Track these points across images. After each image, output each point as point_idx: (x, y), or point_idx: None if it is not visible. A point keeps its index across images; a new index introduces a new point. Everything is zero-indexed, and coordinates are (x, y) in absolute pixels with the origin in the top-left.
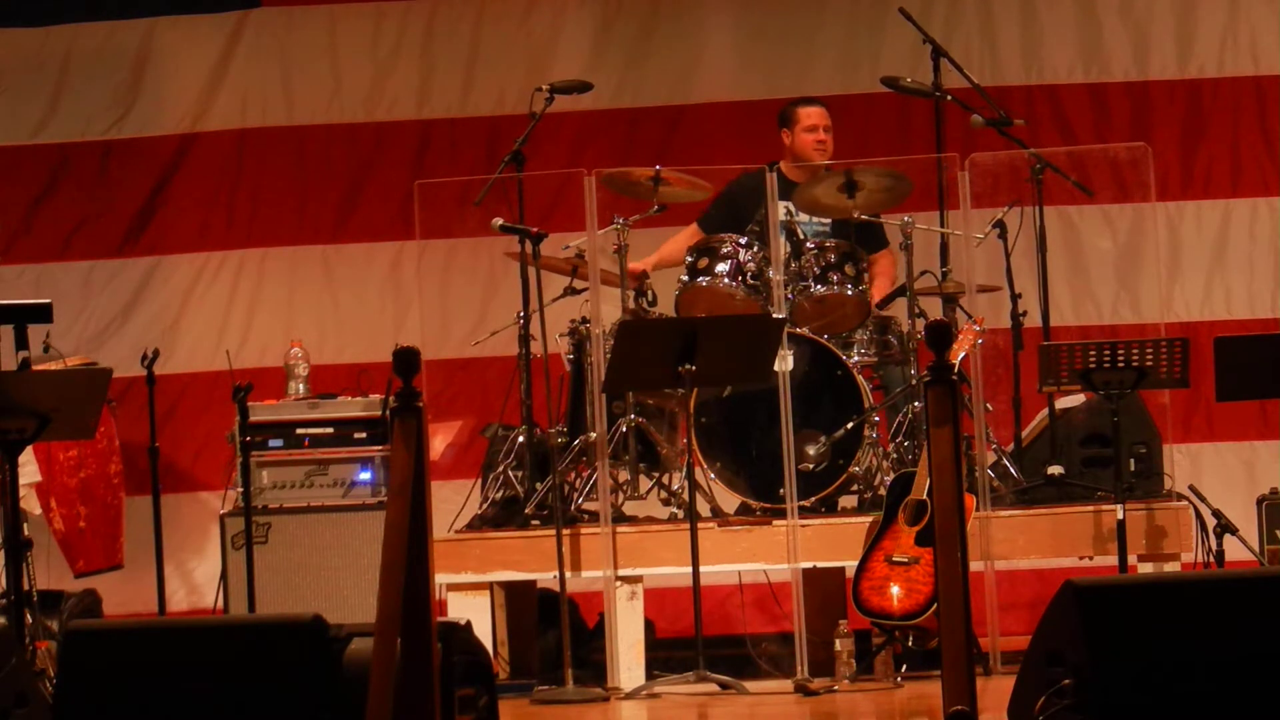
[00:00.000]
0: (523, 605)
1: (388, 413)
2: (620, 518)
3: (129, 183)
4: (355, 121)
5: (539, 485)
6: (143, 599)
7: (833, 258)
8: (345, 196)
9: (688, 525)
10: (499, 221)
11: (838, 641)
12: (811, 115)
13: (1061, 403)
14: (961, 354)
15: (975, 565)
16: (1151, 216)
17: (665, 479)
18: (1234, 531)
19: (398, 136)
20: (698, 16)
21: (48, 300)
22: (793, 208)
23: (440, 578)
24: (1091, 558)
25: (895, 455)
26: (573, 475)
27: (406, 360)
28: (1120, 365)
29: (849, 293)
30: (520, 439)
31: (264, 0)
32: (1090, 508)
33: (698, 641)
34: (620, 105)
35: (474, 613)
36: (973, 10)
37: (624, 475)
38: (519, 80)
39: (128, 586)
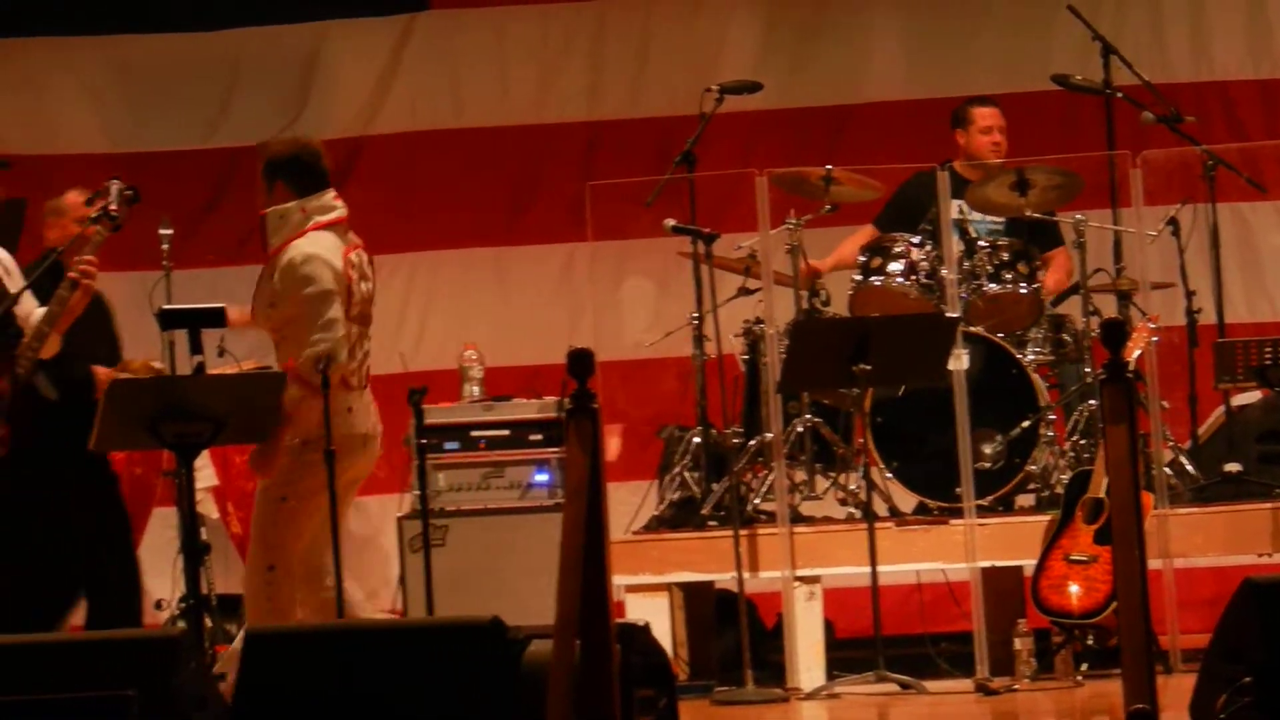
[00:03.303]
0: (701, 606)
1: (563, 414)
2: (797, 518)
3: None
4: (525, 123)
5: (715, 486)
6: None
7: (1006, 256)
8: (516, 198)
9: (865, 525)
10: (671, 222)
11: (1017, 640)
12: (987, 116)
13: (1238, 399)
14: (1136, 352)
15: (1153, 563)
16: None
17: (842, 479)
18: None
19: (567, 138)
20: (864, 16)
21: (221, 305)
22: (965, 206)
23: (618, 579)
24: (1270, 554)
25: (1072, 453)
26: (749, 476)
27: (581, 362)
28: None
29: (1022, 291)
30: (696, 440)
31: (432, 3)
32: (1268, 505)
33: (877, 641)
34: (788, 105)
35: (652, 614)
36: (1141, 7)
37: (800, 475)
38: (687, 81)
39: None
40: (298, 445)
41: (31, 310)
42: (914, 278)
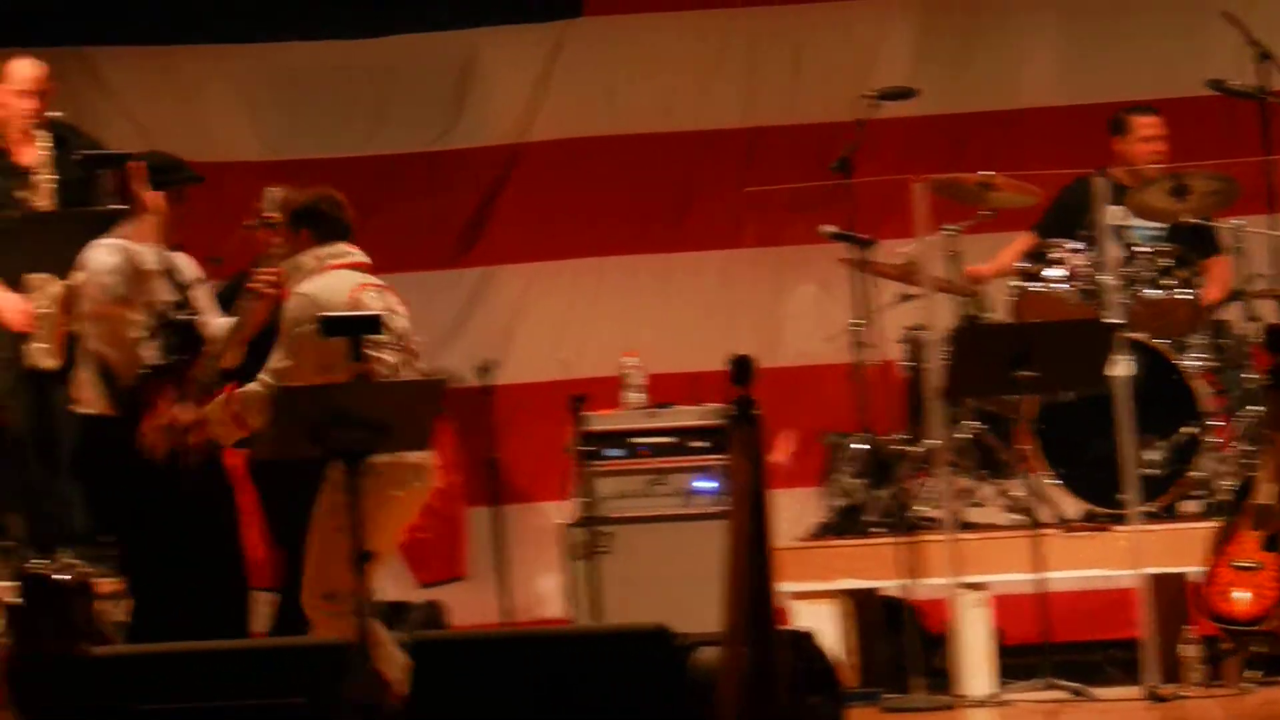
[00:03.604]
0: (867, 613)
1: (726, 421)
2: (962, 525)
3: (458, 194)
4: (681, 130)
5: (879, 493)
6: (487, 610)
7: (1166, 262)
8: (673, 205)
9: (1030, 532)
10: (829, 228)
11: (1185, 647)
12: (1148, 125)
13: None
14: None
15: None
16: None
17: (1006, 485)
18: None
19: (724, 144)
20: (1018, 21)
21: (377, 312)
22: (1125, 212)
23: (783, 586)
24: None
25: (1237, 460)
26: (913, 482)
27: (742, 368)
28: None
29: (1182, 297)
30: (859, 446)
31: (586, 10)
32: None
33: (1045, 648)
34: (943, 111)
35: (819, 621)
36: None
37: (964, 482)
38: (843, 87)
39: (471, 597)
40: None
41: (214, 319)
42: (1075, 284)
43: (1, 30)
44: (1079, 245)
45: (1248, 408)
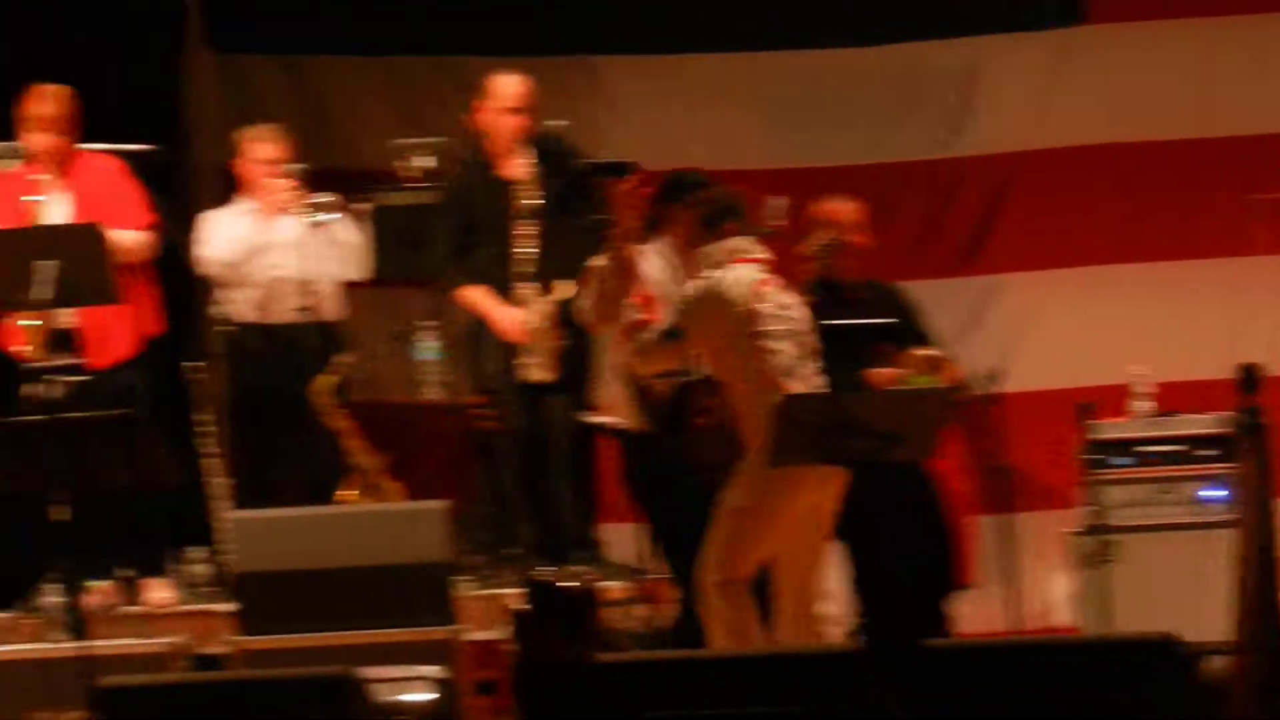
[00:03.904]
0: None
1: (1234, 430)
2: None
3: (960, 202)
4: (1183, 138)
5: None
6: (994, 617)
7: None
8: (1177, 212)
9: None
10: None
11: None
12: None
13: None
14: None
15: None
16: None
17: None
18: None
19: (1228, 152)
20: None
21: (892, 319)
22: None
23: None
24: None
25: None
26: None
27: (1250, 377)
28: None
29: None
30: None
31: (1089, 18)
32: None
33: None
34: None
35: None
36: None
37: None
38: None
39: (979, 605)
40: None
41: None
42: None
43: (505, 39)
44: None
45: None
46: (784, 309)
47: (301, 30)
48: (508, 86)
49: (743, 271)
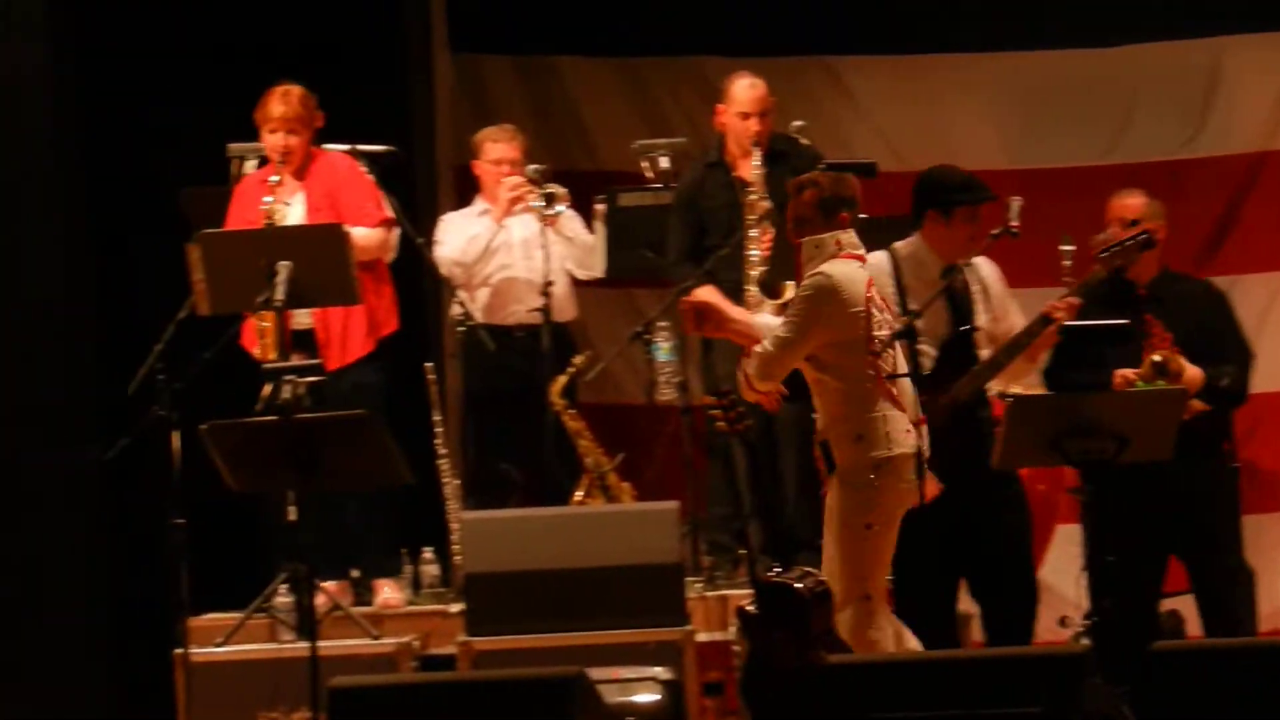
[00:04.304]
0: None
1: None
2: None
3: (1200, 202)
4: None
5: None
6: None
7: None
8: None
9: None
10: None
11: None
12: None
13: None
14: None
15: None
16: None
17: None
18: None
19: None
20: None
21: (1126, 321)
22: None
23: None
24: None
25: None
26: None
27: None
28: None
29: None
30: None
31: None
32: None
33: None
34: None
35: None
36: None
37: None
38: None
39: None
40: (872, 467)
41: (1010, 328)
42: None
43: (744, 40)
44: None
45: None
46: (882, 313)
47: (538, 31)
48: (743, 90)
49: (853, 269)
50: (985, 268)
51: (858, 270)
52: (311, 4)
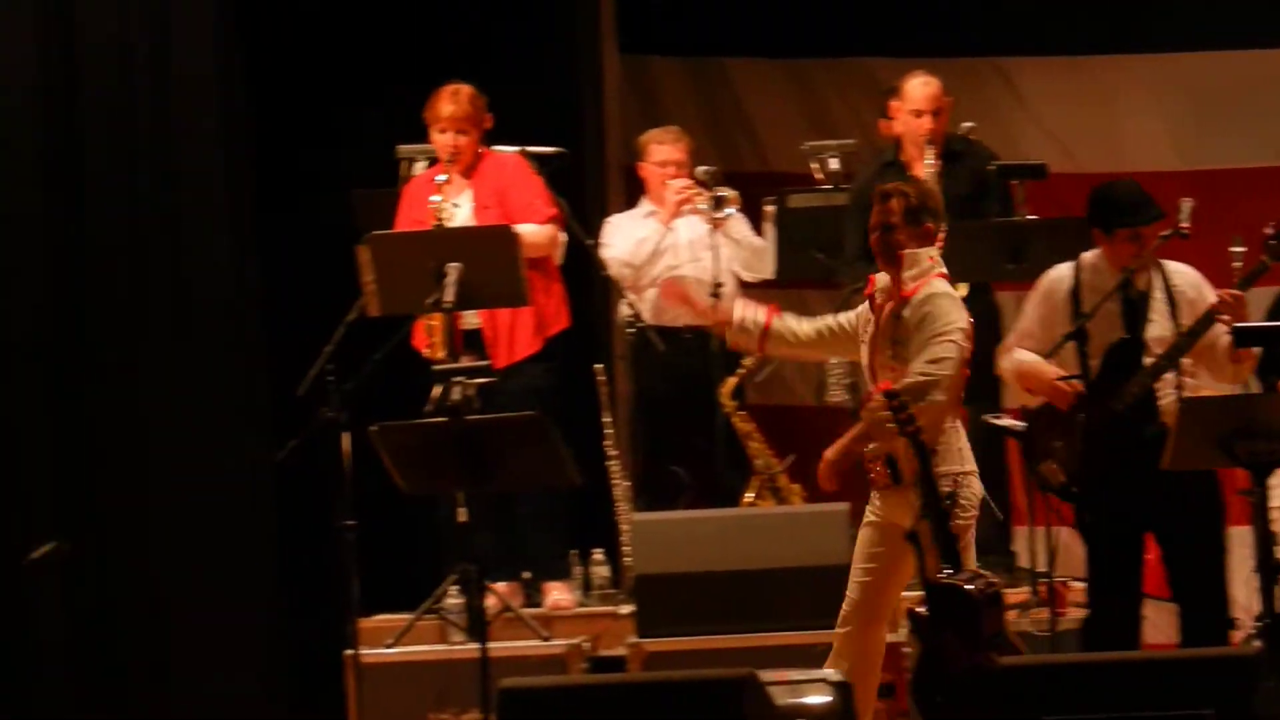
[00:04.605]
0: None
1: None
2: None
3: None
4: None
5: None
6: None
7: None
8: None
9: None
10: None
11: None
12: None
13: None
14: None
15: None
16: None
17: None
18: None
19: None
20: None
21: None
22: None
23: None
24: None
25: None
26: None
27: None
28: None
29: None
30: None
31: None
32: None
33: None
34: None
35: None
36: None
37: None
38: None
39: None
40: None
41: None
42: None
43: (918, 41)
44: None
45: None
46: None
47: (707, 32)
48: (916, 88)
49: (943, 281)
50: (1180, 275)
51: (944, 282)
52: (482, 5)
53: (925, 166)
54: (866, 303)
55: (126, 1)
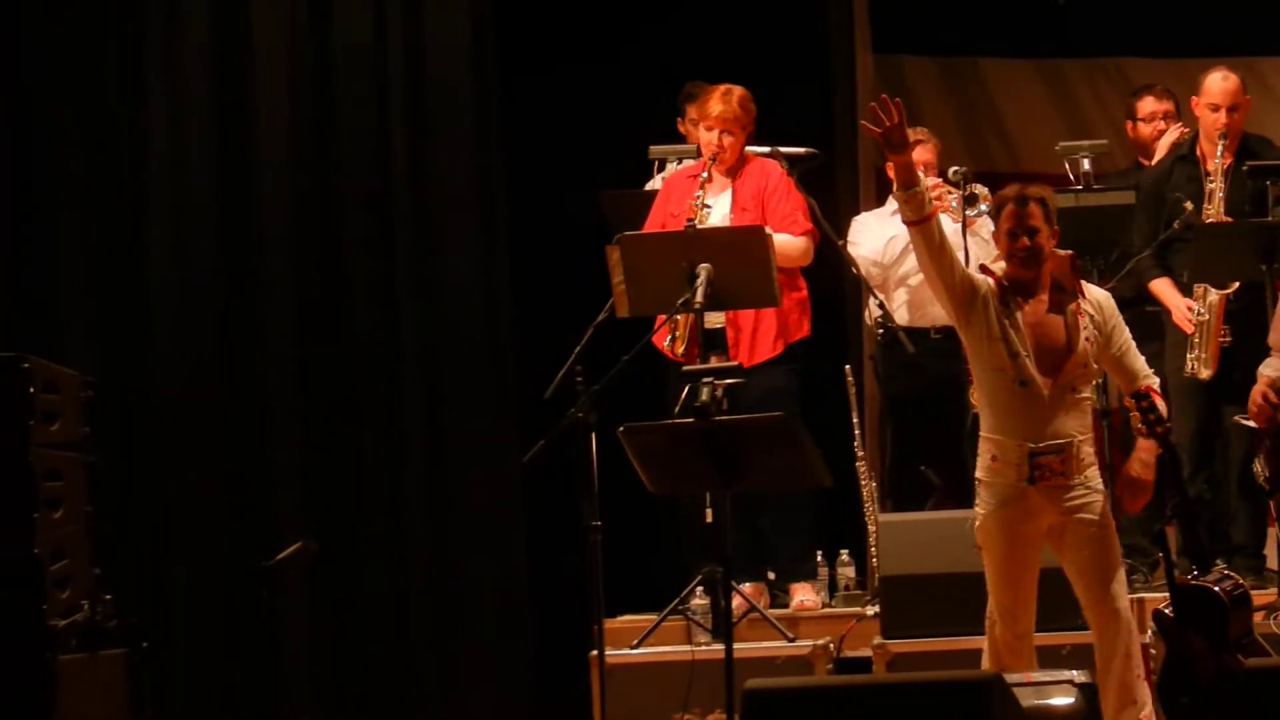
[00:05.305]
0: None
1: None
2: None
3: None
4: None
5: None
6: None
7: None
8: None
9: None
10: None
11: None
12: None
13: None
14: None
15: None
16: None
17: None
18: None
19: None
20: None
21: None
22: None
23: None
24: None
25: None
26: None
27: None
28: None
29: None
30: None
31: None
32: None
33: None
34: None
35: None
36: None
37: None
38: None
39: None
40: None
41: None
42: None
43: (1170, 41)
44: None
45: None
46: None
47: (959, 31)
48: (1214, 83)
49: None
50: None
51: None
52: (735, 6)
53: (1215, 162)
54: (986, 294)
55: (382, 6)
